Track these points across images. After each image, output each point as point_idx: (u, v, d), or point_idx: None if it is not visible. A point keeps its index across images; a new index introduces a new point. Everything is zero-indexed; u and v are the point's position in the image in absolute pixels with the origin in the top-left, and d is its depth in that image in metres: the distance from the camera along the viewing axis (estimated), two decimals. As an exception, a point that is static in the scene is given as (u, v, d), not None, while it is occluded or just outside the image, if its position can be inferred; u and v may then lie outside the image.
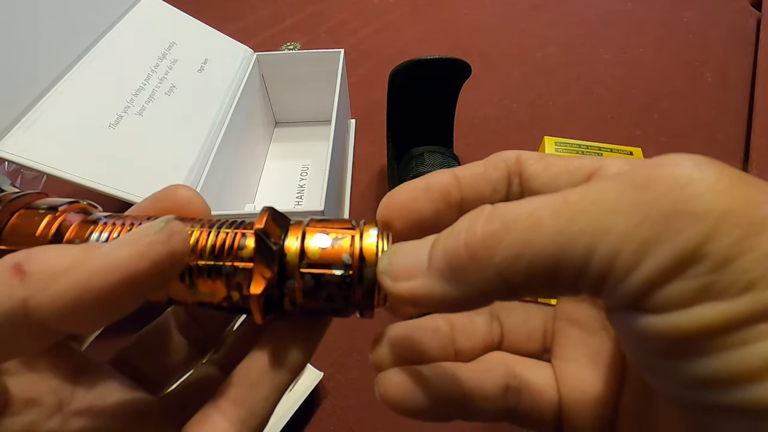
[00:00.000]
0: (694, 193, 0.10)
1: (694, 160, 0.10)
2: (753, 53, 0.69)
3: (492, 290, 0.12)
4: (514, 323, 0.18)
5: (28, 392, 0.13)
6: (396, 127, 0.50)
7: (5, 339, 0.11)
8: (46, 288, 0.11)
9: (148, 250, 0.11)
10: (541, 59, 0.72)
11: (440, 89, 0.49)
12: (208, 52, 0.50)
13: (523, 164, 0.15)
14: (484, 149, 0.57)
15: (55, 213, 0.14)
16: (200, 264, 0.14)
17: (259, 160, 0.56)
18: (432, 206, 0.15)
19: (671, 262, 0.10)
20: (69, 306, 0.11)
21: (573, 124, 0.60)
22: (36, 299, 0.10)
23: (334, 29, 0.83)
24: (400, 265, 0.13)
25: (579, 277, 0.11)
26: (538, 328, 0.18)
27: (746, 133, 0.57)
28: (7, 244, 0.14)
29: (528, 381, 0.16)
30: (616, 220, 0.10)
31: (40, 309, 0.10)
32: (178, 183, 0.17)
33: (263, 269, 0.13)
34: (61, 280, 0.11)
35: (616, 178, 0.11)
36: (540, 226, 0.11)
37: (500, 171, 0.15)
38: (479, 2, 0.87)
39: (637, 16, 0.80)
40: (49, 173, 0.33)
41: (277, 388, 0.15)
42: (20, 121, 0.34)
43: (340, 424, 0.36)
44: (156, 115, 0.41)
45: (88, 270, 0.11)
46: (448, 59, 0.45)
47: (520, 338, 0.17)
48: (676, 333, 0.10)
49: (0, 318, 0.10)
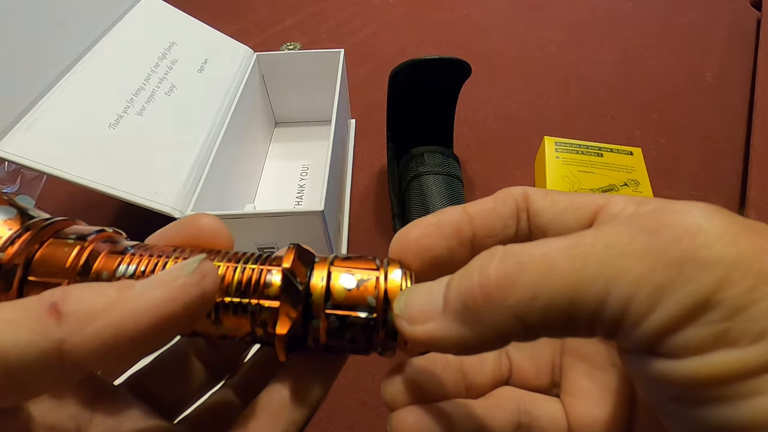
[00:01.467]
0: (704, 242, 0.10)
1: (701, 208, 0.11)
2: (753, 53, 0.69)
3: (509, 331, 0.12)
4: (522, 357, 0.18)
5: (49, 418, 0.13)
6: (396, 127, 0.50)
7: (38, 377, 0.11)
8: (82, 329, 0.11)
9: (181, 292, 0.12)
10: (541, 59, 0.72)
11: (440, 89, 0.49)
12: (208, 52, 0.50)
13: (530, 200, 0.15)
14: (484, 149, 0.57)
15: (84, 243, 0.14)
16: (226, 301, 0.14)
17: (259, 160, 0.56)
18: (445, 243, 0.15)
19: (686, 309, 0.10)
20: (103, 347, 0.11)
21: (573, 124, 0.60)
22: (71, 340, 0.11)
23: (334, 29, 0.83)
24: (416, 307, 0.13)
25: (594, 320, 0.11)
26: (546, 363, 0.18)
27: (746, 133, 0.57)
28: (37, 275, 0.13)
29: (538, 417, 0.16)
30: (630, 265, 0.10)
31: (75, 350, 0.11)
32: (178, 186, 0.17)
33: (289, 309, 0.14)
34: (97, 322, 0.11)
35: (627, 223, 0.11)
36: (554, 268, 0.11)
37: (509, 207, 0.15)
38: (479, 2, 0.87)
39: (637, 16, 0.80)
40: (49, 173, 0.33)
41: (295, 424, 0.15)
42: (20, 121, 0.34)
43: (340, 424, 0.36)
44: (156, 115, 0.41)
45: (123, 312, 0.11)
46: (448, 59, 0.45)
47: (528, 373, 0.18)
48: (691, 378, 0.10)
49: (35, 357, 0.10)
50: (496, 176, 0.54)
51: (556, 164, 0.47)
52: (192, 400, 0.17)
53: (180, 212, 0.36)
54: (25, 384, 0.11)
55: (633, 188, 0.44)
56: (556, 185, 0.45)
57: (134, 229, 0.54)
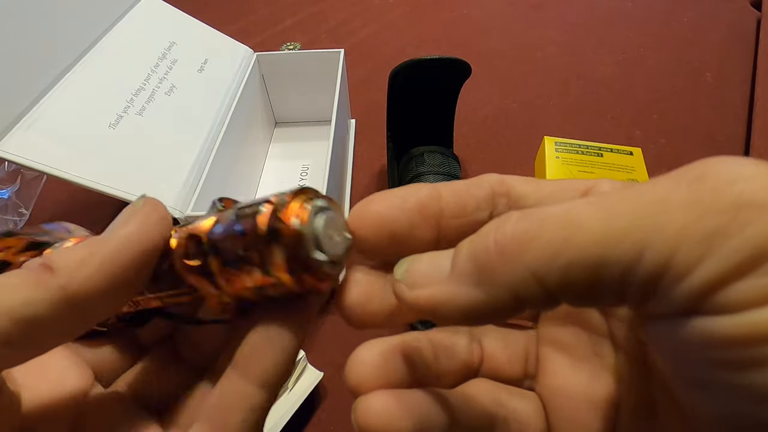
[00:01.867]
0: (760, 186, 0.09)
1: (741, 159, 0.10)
2: (753, 53, 0.69)
3: (525, 293, 0.10)
4: (494, 346, 0.17)
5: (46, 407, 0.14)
6: (396, 127, 0.50)
7: (50, 326, 0.12)
8: (78, 273, 0.12)
9: (144, 218, 0.13)
10: (541, 59, 0.72)
11: (440, 89, 0.49)
12: (208, 52, 0.50)
13: (509, 185, 0.14)
14: (484, 149, 0.57)
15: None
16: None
17: (259, 160, 0.56)
18: (406, 216, 0.13)
19: (743, 256, 0.09)
20: (102, 282, 0.12)
21: (573, 124, 0.60)
22: (73, 284, 0.12)
23: (334, 29, 0.83)
24: (419, 272, 0.12)
25: (625, 279, 0.10)
26: (519, 352, 0.17)
27: (746, 133, 0.57)
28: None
29: (515, 410, 0.15)
30: (671, 215, 0.09)
31: (79, 291, 0.12)
32: (178, 186, 0.18)
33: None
34: (89, 265, 0.12)
35: (663, 177, 0.10)
36: (580, 223, 0.10)
37: (483, 190, 0.14)
38: (479, 2, 0.87)
39: (637, 16, 0.80)
40: (49, 173, 0.33)
41: (284, 351, 0.14)
42: (20, 121, 0.34)
43: (340, 424, 0.36)
44: (156, 115, 0.41)
45: (108, 251, 0.12)
46: (447, 59, 0.45)
47: (500, 362, 0.16)
48: (745, 335, 0.09)
49: (44, 308, 0.11)
50: (496, 176, 0.54)
51: (556, 164, 0.47)
52: (177, 399, 0.17)
53: (180, 212, 0.36)
54: (40, 337, 0.12)
55: (633, 188, 0.44)
56: (556, 185, 0.45)
57: (134, 229, 0.53)
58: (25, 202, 0.53)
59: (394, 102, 0.48)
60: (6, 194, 0.52)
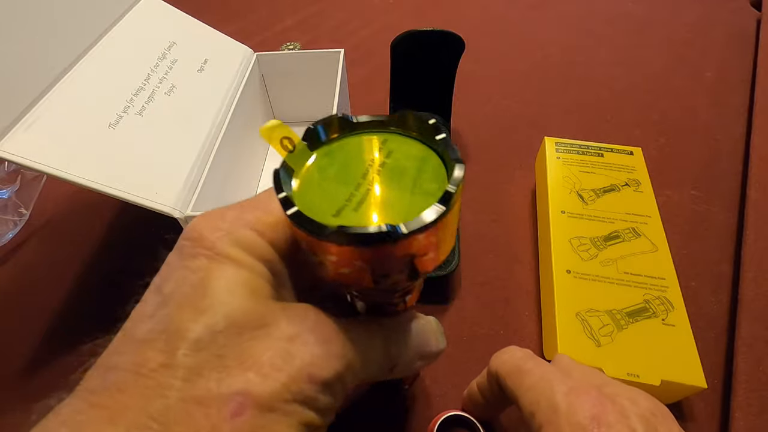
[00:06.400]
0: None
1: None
2: (753, 53, 0.68)
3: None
4: None
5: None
6: (396, 97, 0.51)
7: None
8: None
9: None
10: (541, 59, 0.72)
11: (438, 61, 0.50)
12: (208, 52, 0.50)
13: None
14: (484, 149, 0.57)
15: None
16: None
17: (259, 160, 0.56)
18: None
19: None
20: None
21: (573, 124, 0.60)
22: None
23: (334, 29, 0.83)
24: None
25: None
26: None
27: (746, 133, 0.57)
28: None
29: None
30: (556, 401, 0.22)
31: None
32: (178, 186, 0.18)
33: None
34: None
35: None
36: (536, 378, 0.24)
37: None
38: (479, 2, 0.87)
39: (637, 16, 0.80)
40: (49, 173, 0.33)
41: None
42: (20, 121, 0.34)
43: (340, 424, 0.36)
44: (156, 115, 0.41)
45: None
46: (441, 31, 0.47)
47: None
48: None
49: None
50: (496, 176, 0.54)
51: (557, 165, 0.47)
52: None
53: (180, 212, 0.36)
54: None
55: (634, 188, 0.44)
56: (558, 186, 0.45)
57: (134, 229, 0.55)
58: (25, 202, 0.53)
59: (395, 71, 0.48)
60: (6, 194, 0.52)
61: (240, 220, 0.17)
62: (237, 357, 0.14)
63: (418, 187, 0.16)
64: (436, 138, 0.16)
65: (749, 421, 0.32)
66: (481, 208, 0.50)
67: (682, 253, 0.44)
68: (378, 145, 0.18)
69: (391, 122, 0.18)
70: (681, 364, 0.32)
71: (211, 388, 0.13)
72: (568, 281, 0.37)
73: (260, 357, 0.14)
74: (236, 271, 0.15)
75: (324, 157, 0.17)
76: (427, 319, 0.22)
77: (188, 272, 0.15)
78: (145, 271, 0.18)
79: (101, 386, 0.13)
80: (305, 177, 0.17)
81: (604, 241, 0.40)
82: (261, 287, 0.16)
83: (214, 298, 0.14)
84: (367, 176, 0.16)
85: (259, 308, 0.15)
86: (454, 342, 0.39)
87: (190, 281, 0.15)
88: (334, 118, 0.18)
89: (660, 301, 0.35)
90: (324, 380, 0.15)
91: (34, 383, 0.39)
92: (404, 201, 0.15)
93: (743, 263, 0.41)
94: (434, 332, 0.21)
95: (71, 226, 0.53)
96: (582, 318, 0.35)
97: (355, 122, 0.18)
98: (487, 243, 0.47)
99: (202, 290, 0.15)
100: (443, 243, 0.15)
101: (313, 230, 0.14)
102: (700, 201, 0.49)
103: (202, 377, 0.13)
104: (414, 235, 0.13)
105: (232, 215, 0.17)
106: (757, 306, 0.38)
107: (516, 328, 0.40)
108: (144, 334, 0.14)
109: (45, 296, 0.46)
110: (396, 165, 0.17)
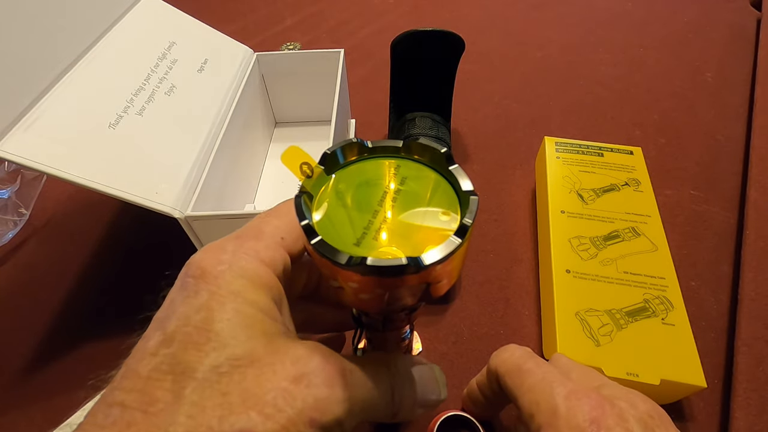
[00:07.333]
0: None
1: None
2: (753, 53, 0.69)
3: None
4: None
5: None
6: (396, 95, 0.51)
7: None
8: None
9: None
10: (541, 59, 0.72)
11: (438, 61, 0.50)
12: (208, 52, 0.50)
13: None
14: (484, 149, 0.57)
15: None
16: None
17: (259, 160, 0.56)
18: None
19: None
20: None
21: (573, 124, 0.60)
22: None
23: (334, 29, 0.83)
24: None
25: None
26: None
27: (746, 133, 0.57)
28: None
29: None
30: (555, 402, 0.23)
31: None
32: (178, 186, 0.18)
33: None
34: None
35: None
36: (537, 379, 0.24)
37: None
38: (479, 2, 0.87)
39: (637, 16, 0.80)
40: (49, 173, 0.33)
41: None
42: (20, 121, 0.34)
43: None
44: (156, 115, 0.41)
45: None
46: (441, 31, 0.46)
47: None
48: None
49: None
50: (496, 176, 0.54)
51: (557, 164, 0.47)
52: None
53: (180, 212, 0.36)
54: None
55: (634, 188, 0.44)
56: (557, 185, 0.45)
57: (134, 229, 0.54)
58: (25, 202, 0.53)
59: (395, 71, 0.48)
60: (6, 194, 0.52)
61: (241, 249, 0.17)
62: (240, 395, 0.14)
63: (432, 215, 0.17)
64: (450, 168, 0.18)
65: (749, 420, 0.32)
66: (481, 208, 0.50)
67: (682, 253, 0.44)
68: (392, 171, 0.19)
69: (404, 149, 0.19)
70: (681, 364, 0.32)
71: (213, 426, 0.14)
72: (567, 281, 0.37)
73: (263, 396, 0.14)
74: (240, 309, 0.16)
75: (341, 183, 0.18)
76: (431, 367, 0.22)
77: (191, 311, 0.15)
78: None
79: (110, 422, 0.14)
80: (324, 203, 0.18)
81: (604, 240, 0.40)
82: (265, 324, 0.16)
83: (218, 341, 0.15)
84: (383, 203, 0.17)
85: (264, 347, 0.15)
86: (454, 342, 0.39)
87: (193, 322, 0.15)
88: (351, 143, 0.19)
89: (660, 300, 0.36)
90: (324, 424, 0.15)
91: (34, 383, 0.39)
92: (421, 231, 0.16)
93: (743, 263, 0.41)
94: (436, 381, 0.22)
95: (71, 226, 0.53)
96: (581, 317, 0.35)
97: (370, 147, 0.19)
98: (487, 243, 0.47)
99: (206, 333, 0.15)
100: (456, 270, 0.16)
101: (337, 260, 0.14)
102: (700, 201, 0.49)
103: (206, 414, 0.14)
104: (433, 266, 0.14)
105: (232, 246, 0.17)
106: (757, 306, 0.38)
107: (516, 328, 0.40)
108: (149, 372, 0.15)
109: (45, 296, 0.46)
110: (410, 191, 0.18)
